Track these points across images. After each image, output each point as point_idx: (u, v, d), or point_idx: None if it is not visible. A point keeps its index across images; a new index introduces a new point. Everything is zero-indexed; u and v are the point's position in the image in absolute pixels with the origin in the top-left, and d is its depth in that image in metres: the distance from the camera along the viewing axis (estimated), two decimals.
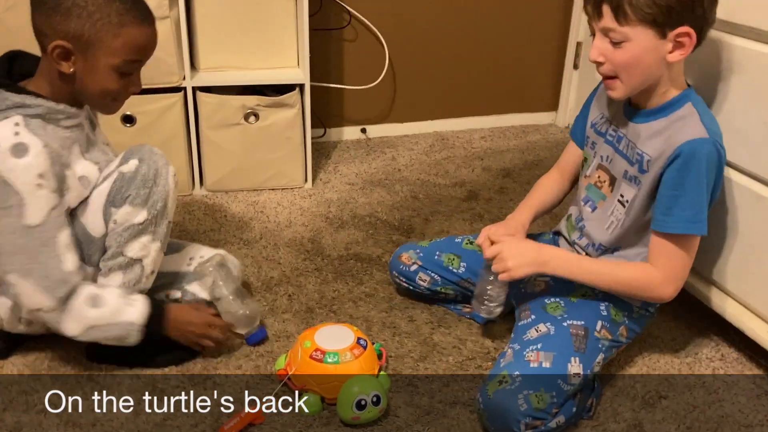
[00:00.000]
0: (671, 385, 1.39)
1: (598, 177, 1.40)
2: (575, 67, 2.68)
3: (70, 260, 1.25)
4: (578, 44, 2.64)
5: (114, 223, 1.30)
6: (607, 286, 1.32)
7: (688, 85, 1.29)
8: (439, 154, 2.47)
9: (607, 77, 1.26)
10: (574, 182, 1.56)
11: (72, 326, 1.27)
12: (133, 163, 1.31)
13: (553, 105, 2.79)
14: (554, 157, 2.43)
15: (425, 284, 1.56)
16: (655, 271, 1.29)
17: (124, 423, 1.26)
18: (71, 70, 1.23)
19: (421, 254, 1.57)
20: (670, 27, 1.18)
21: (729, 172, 1.41)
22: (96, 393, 1.32)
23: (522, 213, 1.49)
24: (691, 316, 1.59)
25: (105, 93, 1.26)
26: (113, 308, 1.28)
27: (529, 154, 2.50)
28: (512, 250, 1.34)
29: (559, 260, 1.34)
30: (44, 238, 1.22)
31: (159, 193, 1.32)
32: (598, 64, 1.25)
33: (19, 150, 1.19)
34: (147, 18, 1.25)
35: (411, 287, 1.59)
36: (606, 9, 1.19)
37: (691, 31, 1.18)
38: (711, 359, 1.47)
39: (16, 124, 1.20)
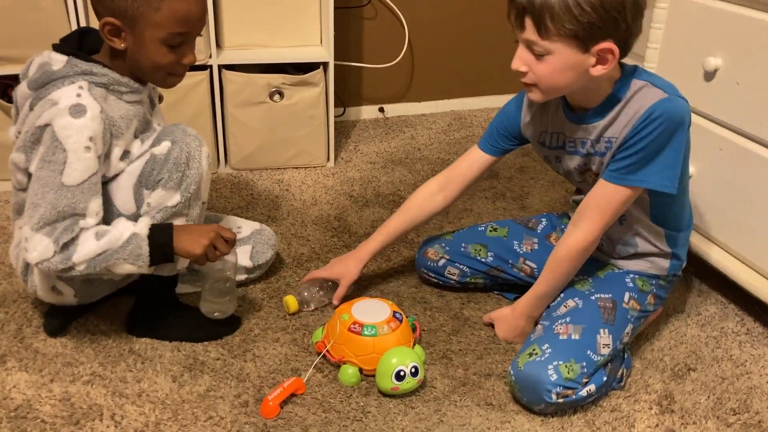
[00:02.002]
0: (699, 358, 1.43)
1: (587, 179, 1.38)
2: None
3: (86, 222, 1.23)
4: None
5: (147, 206, 1.31)
6: (567, 281, 1.37)
7: (621, 68, 1.26)
8: (457, 133, 2.49)
9: (527, 84, 1.25)
10: (464, 191, 1.54)
11: (82, 262, 1.22)
12: (165, 145, 1.30)
13: None
14: None
15: (455, 277, 1.58)
16: (576, 233, 1.30)
17: (169, 394, 1.29)
18: (122, 46, 1.25)
19: (447, 248, 1.58)
20: (593, 42, 1.15)
21: (759, 149, 1.43)
22: (139, 365, 1.35)
23: (368, 244, 1.54)
24: (716, 292, 1.62)
25: (157, 67, 1.28)
26: (118, 230, 1.25)
27: None
28: (509, 335, 1.45)
29: (537, 307, 1.40)
30: (75, 201, 1.22)
31: (192, 176, 1.31)
32: (521, 73, 1.23)
33: (77, 110, 1.21)
34: None
35: (440, 282, 1.60)
36: (528, 22, 1.17)
37: (614, 47, 1.16)
38: (737, 333, 1.50)
39: (80, 87, 1.23)
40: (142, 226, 1.27)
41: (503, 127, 1.47)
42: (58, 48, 1.29)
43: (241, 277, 1.57)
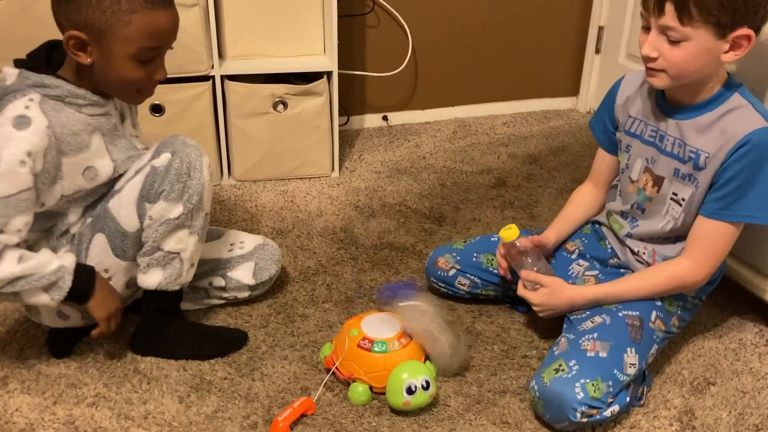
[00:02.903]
0: (718, 371, 1.39)
1: (645, 180, 1.37)
2: (597, 51, 2.66)
3: (7, 238, 1.18)
4: (600, 28, 2.62)
5: (150, 219, 1.28)
6: (646, 297, 1.32)
7: (729, 75, 1.27)
8: (462, 141, 2.46)
9: (652, 69, 1.23)
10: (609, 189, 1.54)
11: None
12: (165, 157, 1.27)
13: (574, 90, 2.77)
14: (578, 143, 2.45)
15: (465, 288, 1.55)
16: (687, 262, 1.29)
17: (175, 415, 1.26)
18: (88, 61, 1.20)
19: (458, 257, 1.54)
20: (731, 29, 1.15)
21: None
22: (144, 385, 1.32)
23: (548, 235, 1.49)
24: (733, 302, 1.58)
25: (126, 83, 1.23)
26: (44, 258, 1.22)
27: (553, 139, 2.49)
28: (545, 305, 1.36)
29: (590, 304, 1.35)
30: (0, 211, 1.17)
31: (194, 186, 1.29)
32: (650, 59, 1.22)
33: (21, 122, 1.17)
34: (160, 1, 1.19)
35: (450, 292, 1.57)
36: (669, 7, 1.15)
37: (751, 33, 1.16)
38: (756, 345, 1.46)
39: (30, 100, 1.19)
40: (70, 261, 1.24)
41: (603, 118, 1.46)
42: (18, 63, 1.24)
43: (244, 294, 1.53)
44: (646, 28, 1.22)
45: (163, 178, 1.26)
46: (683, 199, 1.30)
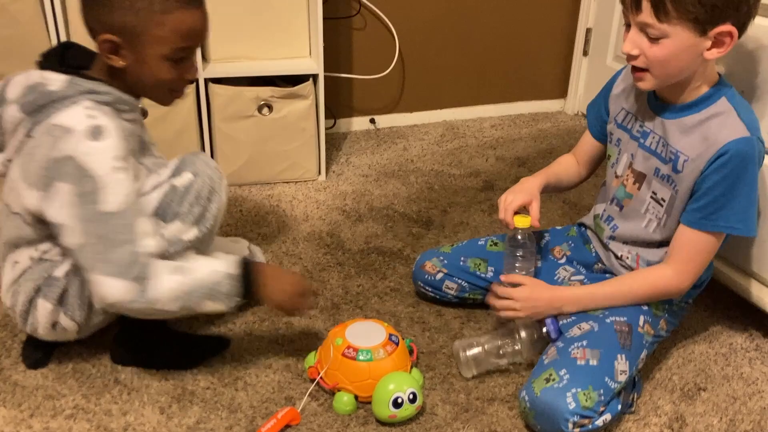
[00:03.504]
0: (708, 376, 1.37)
1: (627, 176, 1.36)
2: (585, 53, 2.65)
3: (144, 245, 1.15)
4: (588, 30, 2.61)
5: (161, 237, 1.22)
6: (628, 303, 1.30)
7: (720, 77, 1.25)
8: (450, 144, 2.44)
9: (637, 69, 1.22)
10: (591, 172, 1.53)
11: (164, 298, 1.15)
12: (187, 177, 1.23)
13: (562, 92, 2.76)
14: (566, 145, 2.43)
15: (453, 292, 1.52)
16: (669, 270, 1.27)
17: (156, 427, 1.23)
18: (122, 63, 1.18)
19: (446, 261, 1.52)
20: (712, 25, 1.13)
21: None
22: (125, 396, 1.29)
23: (536, 178, 1.47)
24: (723, 306, 1.57)
25: (160, 84, 1.21)
26: (201, 267, 1.20)
27: (541, 142, 2.47)
28: (526, 300, 1.34)
29: (572, 304, 1.33)
30: (123, 224, 1.14)
31: (213, 210, 1.26)
32: (631, 57, 1.21)
33: (96, 132, 1.13)
34: (192, 1, 1.18)
35: (438, 296, 1.54)
36: (646, 4, 1.14)
37: (734, 29, 1.13)
38: (746, 349, 1.45)
39: (87, 108, 1.15)
40: (234, 266, 1.22)
41: (598, 106, 1.45)
42: (45, 66, 1.20)
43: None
44: (628, 25, 1.20)
45: (183, 199, 1.23)
46: (663, 200, 1.29)
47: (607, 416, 1.19)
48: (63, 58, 1.24)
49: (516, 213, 1.40)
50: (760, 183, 1.39)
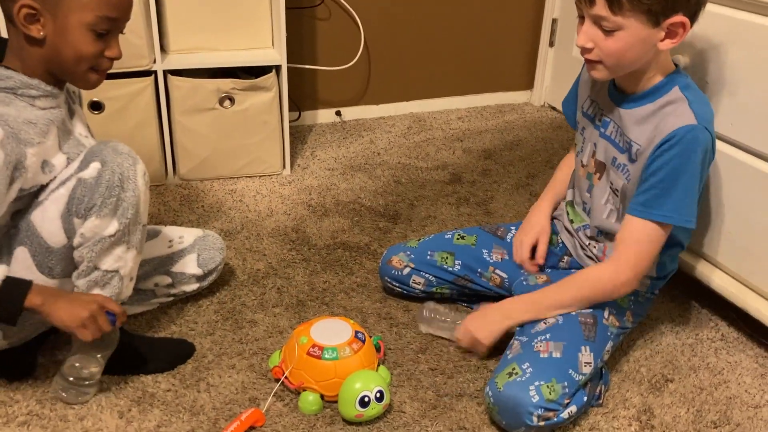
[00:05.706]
0: (675, 368, 1.37)
1: (591, 166, 1.36)
2: (551, 44, 2.64)
3: None
4: (554, 21, 2.61)
5: (81, 236, 1.16)
6: (577, 307, 1.28)
7: (676, 66, 1.25)
8: (417, 136, 2.42)
9: (590, 60, 1.21)
10: None
11: None
12: (94, 168, 1.15)
13: (528, 84, 2.76)
14: (533, 137, 2.43)
15: (420, 287, 1.50)
16: (608, 268, 1.26)
17: None
18: (41, 34, 1.11)
19: (412, 256, 1.50)
20: (665, 16, 1.14)
21: (728, 149, 1.39)
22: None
23: (542, 207, 1.48)
24: (688, 297, 1.57)
25: (80, 58, 1.14)
26: None
27: (508, 134, 2.46)
28: (476, 325, 1.33)
29: (522, 310, 1.31)
30: None
31: (128, 199, 1.17)
32: (585, 50, 1.20)
33: None
34: None
35: (405, 291, 1.52)
36: None
37: (686, 20, 1.14)
38: (712, 340, 1.45)
39: None
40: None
41: (572, 98, 1.44)
42: None
43: (193, 286, 1.46)
44: (582, 18, 1.20)
45: (93, 192, 1.15)
46: (617, 190, 1.29)
47: (573, 408, 1.18)
48: None
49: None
50: (713, 173, 1.41)
